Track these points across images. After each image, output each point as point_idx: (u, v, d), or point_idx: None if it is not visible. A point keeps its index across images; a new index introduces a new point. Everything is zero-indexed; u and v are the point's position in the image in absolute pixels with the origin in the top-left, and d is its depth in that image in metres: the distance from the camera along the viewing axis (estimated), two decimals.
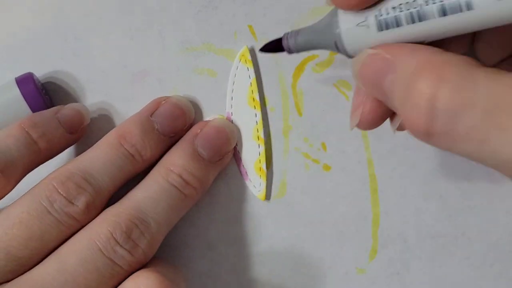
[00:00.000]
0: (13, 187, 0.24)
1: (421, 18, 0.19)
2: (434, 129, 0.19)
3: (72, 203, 0.22)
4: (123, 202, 0.23)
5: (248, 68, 0.26)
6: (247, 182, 0.27)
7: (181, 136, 0.26)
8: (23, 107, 0.25)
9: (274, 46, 0.23)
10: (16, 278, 0.22)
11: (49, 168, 0.24)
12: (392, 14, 0.19)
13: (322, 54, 0.26)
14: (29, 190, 0.23)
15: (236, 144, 0.27)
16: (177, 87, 0.27)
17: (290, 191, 0.27)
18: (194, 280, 0.27)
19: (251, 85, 0.26)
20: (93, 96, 0.27)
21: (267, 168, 0.27)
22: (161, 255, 0.24)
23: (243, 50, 0.26)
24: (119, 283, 0.22)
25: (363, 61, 0.21)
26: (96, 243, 0.22)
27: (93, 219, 0.23)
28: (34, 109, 0.25)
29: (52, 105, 0.26)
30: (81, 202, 0.22)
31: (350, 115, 0.22)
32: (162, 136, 0.25)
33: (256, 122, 0.27)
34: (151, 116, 0.25)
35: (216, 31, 0.26)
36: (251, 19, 0.26)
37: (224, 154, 0.26)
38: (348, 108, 0.26)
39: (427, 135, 0.19)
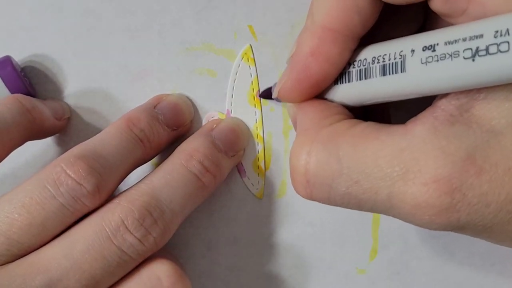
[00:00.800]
0: (7, 154, 0.23)
1: (367, 76, 0.20)
2: (314, 197, 0.20)
3: (81, 185, 0.21)
4: (139, 187, 0.23)
5: (250, 66, 0.26)
6: (245, 180, 0.27)
7: (183, 133, 0.26)
8: (2, 89, 0.25)
9: (269, 94, 0.26)
10: (22, 258, 0.21)
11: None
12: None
13: None
14: (36, 173, 0.22)
15: None
16: (177, 87, 0.27)
17: (290, 191, 0.27)
18: (194, 280, 0.27)
19: (252, 83, 0.26)
20: (92, 96, 0.27)
21: (265, 167, 0.27)
22: (160, 254, 0.24)
23: (246, 48, 0.26)
24: (127, 272, 0.22)
25: (287, 108, 0.24)
26: (106, 230, 0.21)
27: (101, 205, 0.22)
28: (13, 92, 0.25)
29: (32, 88, 0.27)
30: (90, 184, 0.21)
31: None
32: (166, 127, 0.25)
33: (256, 120, 0.27)
34: (154, 108, 0.25)
35: (216, 31, 0.26)
36: (251, 19, 0.26)
37: (237, 151, 0.26)
38: None
39: (311, 200, 0.20)
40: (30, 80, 0.27)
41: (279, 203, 0.27)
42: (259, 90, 0.26)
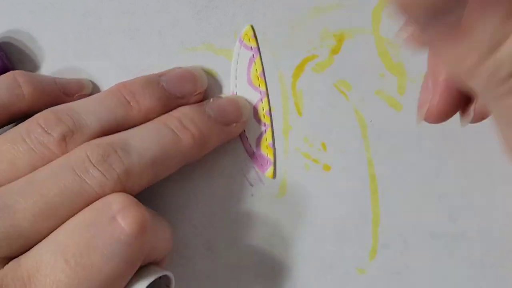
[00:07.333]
0: None
1: None
2: None
3: (48, 133, 0.22)
4: (112, 134, 0.23)
5: (252, 47, 0.26)
6: (254, 161, 0.27)
7: (192, 103, 0.26)
8: None
9: None
10: None
11: None
12: None
13: (322, 54, 0.26)
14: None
15: None
16: None
17: (290, 191, 0.27)
18: (194, 280, 0.27)
19: (255, 63, 0.26)
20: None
21: (274, 146, 0.27)
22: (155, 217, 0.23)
23: (246, 29, 0.26)
24: (87, 205, 0.22)
25: None
26: (71, 163, 0.22)
27: None
28: None
29: (9, 61, 0.27)
30: (56, 133, 0.22)
31: (417, 108, 0.21)
32: (167, 93, 0.25)
33: (262, 100, 0.26)
34: (160, 76, 0.25)
35: (216, 31, 0.26)
36: (251, 19, 0.26)
37: (232, 122, 0.26)
38: (348, 108, 0.26)
39: None
40: (6, 54, 0.27)
41: (279, 203, 0.27)
42: (262, 70, 0.26)
